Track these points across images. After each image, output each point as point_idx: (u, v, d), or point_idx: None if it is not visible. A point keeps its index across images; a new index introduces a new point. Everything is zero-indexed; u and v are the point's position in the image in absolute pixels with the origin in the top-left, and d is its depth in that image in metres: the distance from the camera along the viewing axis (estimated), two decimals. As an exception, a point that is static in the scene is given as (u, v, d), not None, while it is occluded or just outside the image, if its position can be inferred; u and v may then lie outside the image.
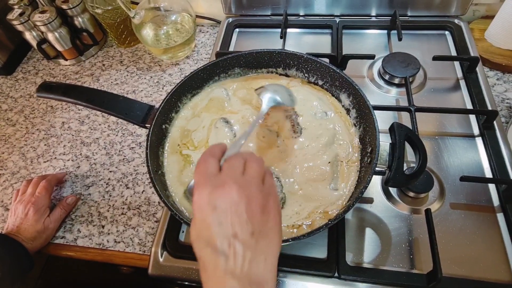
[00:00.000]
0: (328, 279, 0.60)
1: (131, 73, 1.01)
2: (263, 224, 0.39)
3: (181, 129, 0.69)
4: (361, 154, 0.63)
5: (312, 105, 0.69)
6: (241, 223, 0.37)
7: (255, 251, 0.37)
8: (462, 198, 0.67)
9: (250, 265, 0.36)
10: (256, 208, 0.39)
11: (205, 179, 0.40)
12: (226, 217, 0.37)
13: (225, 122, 0.67)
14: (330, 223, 0.50)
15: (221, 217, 0.37)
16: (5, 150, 0.89)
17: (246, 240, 0.37)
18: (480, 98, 0.78)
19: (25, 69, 1.08)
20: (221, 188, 0.38)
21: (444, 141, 0.74)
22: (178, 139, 0.68)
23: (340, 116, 0.68)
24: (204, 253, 0.37)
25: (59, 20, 0.96)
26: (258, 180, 0.41)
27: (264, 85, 0.65)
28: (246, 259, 0.36)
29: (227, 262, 0.36)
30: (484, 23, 0.93)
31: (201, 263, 0.38)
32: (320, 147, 0.63)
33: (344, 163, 0.63)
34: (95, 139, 0.88)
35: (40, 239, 0.69)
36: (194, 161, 0.66)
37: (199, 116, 0.70)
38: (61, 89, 0.65)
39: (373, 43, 0.95)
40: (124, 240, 0.71)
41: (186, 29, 0.98)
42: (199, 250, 0.38)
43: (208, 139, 0.67)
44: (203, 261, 0.37)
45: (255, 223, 0.38)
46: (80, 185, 0.80)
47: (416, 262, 0.61)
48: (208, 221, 0.37)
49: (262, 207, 0.39)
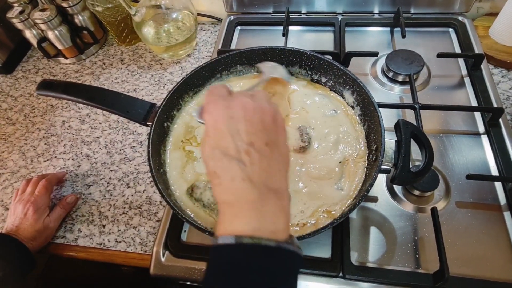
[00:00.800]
0: (333, 279, 0.59)
1: (131, 72, 1.00)
2: (276, 135, 0.39)
3: (185, 125, 0.69)
4: (366, 152, 0.62)
5: (315, 102, 0.68)
6: (256, 132, 0.38)
7: (271, 160, 0.38)
8: (468, 196, 0.66)
9: (267, 173, 0.37)
10: (269, 119, 0.39)
11: (218, 97, 0.40)
12: (243, 125, 0.37)
13: None
14: (335, 222, 0.49)
15: (239, 125, 0.37)
16: (5, 149, 0.88)
17: (262, 149, 0.37)
18: (485, 95, 0.77)
19: (25, 68, 1.07)
20: (236, 101, 0.39)
21: (449, 139, 0.73)
22: (182, 135, 0.67)
23: (346, 114, 0.67)
24: (221, 164, 0.37)
25: (59, 18, 0.95)
26: (267, 97, 0.42)
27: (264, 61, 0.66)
28: (262, 167, 0.37)
29: (245, 169, 0.36)
30: (488, 20, 0.92)
31: (215, 178, 0.37)
32: (331, 146, 0.63)
33: (351, 161, 0.62)
34: (96, 138, 0.87)
35: (40, 239, 0.68)
36: (197, 158, 0.65)
37: None
38: (61, 87, 0.64)
39: (375, 41, 0.94)
40: (125, 240, 0.70)
41: (187, 27, 0.97)
42: (214, 163, 0.37)
43: None
44: (218, 173, 0.37)
45: (270, 133, 0.39)
46: (80, 184, 0.79)
47: (421, 262, 0.60)
48: (225, 131, 0.37)
49: (274, 119, 0.40)
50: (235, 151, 0.36)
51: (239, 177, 0.36)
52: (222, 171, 0.37)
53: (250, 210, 0.35)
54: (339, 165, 0.61)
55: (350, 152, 0.63)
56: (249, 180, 0.36)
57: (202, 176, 0.63)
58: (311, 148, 0.64)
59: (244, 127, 0.37)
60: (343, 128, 0.65)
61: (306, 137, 0.64)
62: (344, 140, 0.64)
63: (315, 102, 0.69)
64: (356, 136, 0.65)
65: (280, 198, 0.37)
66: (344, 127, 0.66)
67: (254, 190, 0.36)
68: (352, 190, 0.59)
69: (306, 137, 0.64)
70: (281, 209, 0.37)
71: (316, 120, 0.67)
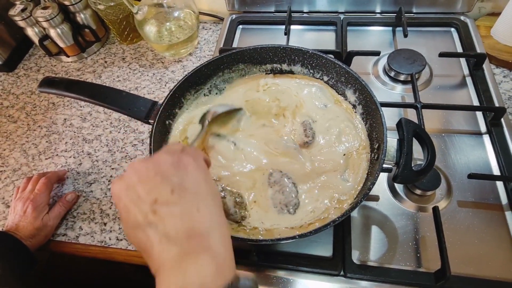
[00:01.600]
0: (334, 278, 0.59)
1: (133, 70, 1.00)
2: (182, 178, 0.38)
3: (187, 124, 0.69)
4: (368, 143, 0.63)
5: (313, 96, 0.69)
6: (155, 187, 0.36)
7: (183, 204, 0.36)
8: (470, 196, 0.65)
9: (183, 220, 0.35)
10: (167, 167, 0.38)
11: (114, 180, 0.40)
12: (140, 188, 0.36)
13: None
14: (337, 220, 0.49)
15: (136, 190, 0.36)
16: (7, 147, 0.88)
17: (168, 199, 0.36)
18: (487, 95, 0.77)
19: (26, 66, 1.07)
20: (125, 173, 0.38)
21: (451, 138, 0.73)
22: (184, 133, 0.68)
23: (340, 106, 0.69)
24: (138, 238, 0.36)
25: (61, 16, 0.95)
26: (164, 150, 0.41)
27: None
28: (175, 215, 0.35)
29: (158, 230, 0.34)
30: (490, 20, 0.92)
31: (144, 254, 0.36)
32: (334, 139, 0.63)
33: (354, 153, 0.62)
34: (97, 136, 0.87)
35: (39, 237, 0.68)
36: None
37: None
38: (63, 84, 0.64)
39: (377, 40, 0.94)
40: (126, 238, 0.70)
41: (189, 26, 0.98)
42: (134, 240, 0.36)
43: None
44: (142, 248, 0.36)
45: (172, 180, 0.37)
46: (82, 182, 0.79)
47: (423, 261, 0.60)
48: (127, 204, 0.36)
49: (174, 164, 0.38)
50: (143, 218, 0.35)
51: (156, 242, 0.34)
52: (143, 244, 0.35)
53: (171, 270, 0.33)
54: (344, 157, 0.62)
55: (352, 143, 0.63)
56: (166, 238, 0.34)
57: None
58: (315, 143, 0.64)
59: (142, 189, 0.36)
60: (343, 121, 0.66)
61: (310, 132, 0.64)
62: (346, 132, 0.65)
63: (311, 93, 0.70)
64: (355, 125, 0.65)
65: (206, 238, 0.35)
66: (344, 120, 0.66)
67: (172, 247, 0.34)
68: (357, 183, 0.59)
69: (310, 132, 0.64)
70: (209, 252, 0.34)
71: (316, 113, 0.68)
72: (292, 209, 0.57)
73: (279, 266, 0.61)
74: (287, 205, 0.57)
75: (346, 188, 0.59)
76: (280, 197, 0.58)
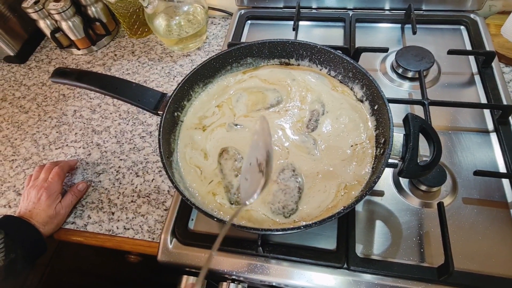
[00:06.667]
0: (337, 270, 0.60)
1: (142, 64, 1.01)
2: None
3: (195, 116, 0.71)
4: (374, 135, 0.63)
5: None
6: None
7: None
8: (475, 193, 0.66)
9: None
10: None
11: None
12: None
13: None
14: (342, 212, 0.49)
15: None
16: (18, 136, 0.90)
17: None
18: (495, 93, 0.77)
19: (38, 58, 1.09)
20: None
21: (458, 136, 0.73)
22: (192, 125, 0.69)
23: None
24: None
25: (73, 9, 0.97)
26: None
27: None
28: None
29: None
30: (501, 18, 0.91)
31: None
32: (343, 128, 0.64)
33: (359, 146, 0.63)
34: (106, 128, 0.88)
35: (52, 224, 0.70)
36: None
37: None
38: (74, 75, 0.65)
39: (386, 37, 0.94)
40: (134, 227, 0.71)
41: (198, 20, 0.98)
42: None
43: None
44: None
45: None
46: (91, 172, 0.81)
47: (426, 256, 0.60)
48: None
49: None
50: None
51: None
52: None
53: None
54: (351, 148, 0.62)
55: (359, 135, 0.64)
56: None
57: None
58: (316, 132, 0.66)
59: None
60: (351, 113, 0.67)
61: (312, 125, 0.65)
62: (353, 123, 0.65)
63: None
64: (362, 118, 0.66)
65: None
66: (349, 110, 0.67)
67: None
68: (361, 176, 0.60)
69: (312, 124, 0.65)
70: None
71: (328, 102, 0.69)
72: (287, 213, 0.58)
73: (283, 257, 0.62)
74: (284, 208, 0.58)
75: (354, 177, 0.60)
76: (281, 197, 0.59)
